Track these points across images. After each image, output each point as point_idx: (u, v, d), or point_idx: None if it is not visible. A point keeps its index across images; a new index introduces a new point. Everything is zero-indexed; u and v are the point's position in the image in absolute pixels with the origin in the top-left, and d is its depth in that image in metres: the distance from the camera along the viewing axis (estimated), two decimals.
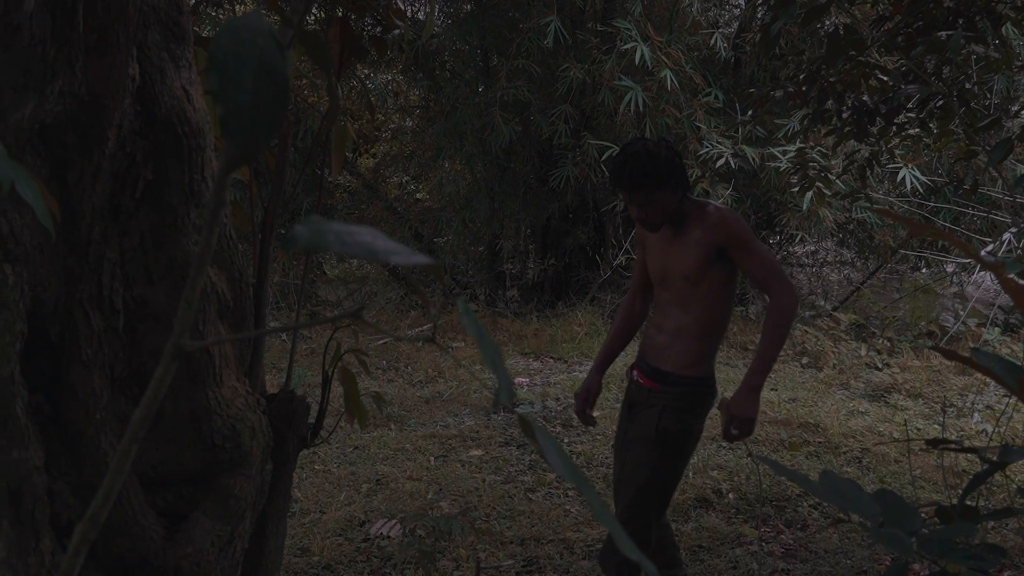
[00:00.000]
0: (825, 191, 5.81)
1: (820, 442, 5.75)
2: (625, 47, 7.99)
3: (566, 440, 5.80)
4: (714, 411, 5.15)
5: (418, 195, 11.96)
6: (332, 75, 0.83)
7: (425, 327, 8.41)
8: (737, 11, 10.00)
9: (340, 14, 1.83)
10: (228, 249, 1.59)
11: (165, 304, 1.50)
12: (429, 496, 4.78)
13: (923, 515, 1.21)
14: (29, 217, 1.38)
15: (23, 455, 1.37)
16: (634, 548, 0.72)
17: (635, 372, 3.24)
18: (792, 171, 6.12)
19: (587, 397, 3.33)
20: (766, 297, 3.29)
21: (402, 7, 10.05)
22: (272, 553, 1.75)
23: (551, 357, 7.99)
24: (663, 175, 2.84)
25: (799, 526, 4.47)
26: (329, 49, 0.77)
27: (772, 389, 7.02)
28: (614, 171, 2.85)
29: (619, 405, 5.81)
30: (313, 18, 7.66)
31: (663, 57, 8.03)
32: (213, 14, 8.83)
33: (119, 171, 1.47)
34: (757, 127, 7.57)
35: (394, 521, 4.40)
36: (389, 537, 4.26)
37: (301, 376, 6.86)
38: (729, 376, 7.35)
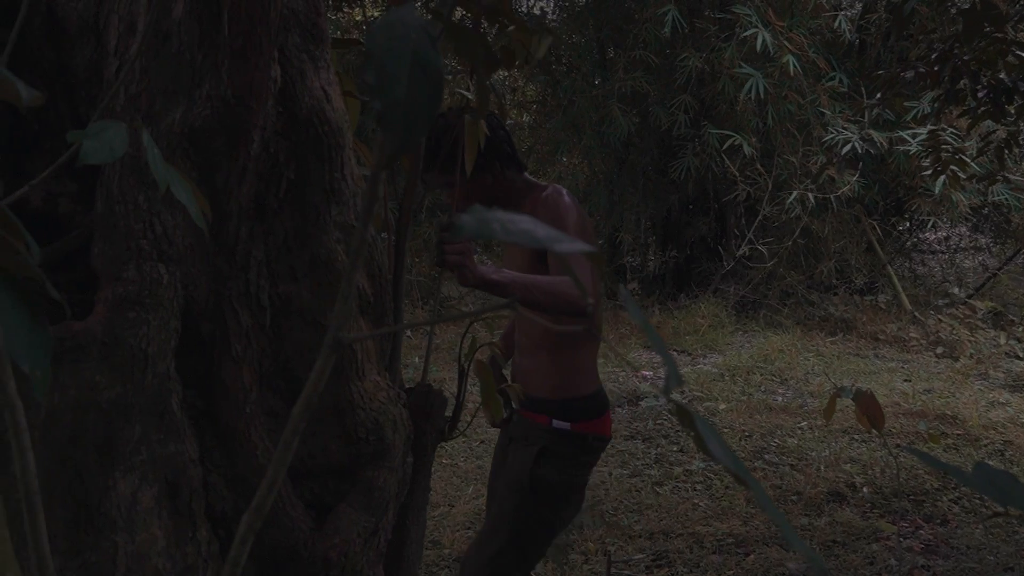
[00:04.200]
0: (960, 174, 5.58)
1: (959, 434, 5.54)
2: (745, 34, 7.84)
3: (692, 433, 5.72)
4: (846, 402, 5.00)
5: None
6: (483, 71, 0.84)
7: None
8: None
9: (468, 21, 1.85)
10: (368, 245, 1.62)
11: (309, 300, 1.54)
12: None
13: None
14: (181, 218, 1.44)
15: (179, 448, 1.42)
16: (808, 551, 0.70)
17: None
18: (923, 154, 5.90)
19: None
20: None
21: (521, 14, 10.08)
22: (413, 545, 1.78)
23: (674, 350, 7.91)
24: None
25: (939, 521, 4.32)
26: (481, 44, 0.77)
27: (905, 380, 6.80)
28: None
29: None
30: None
31: (785, 42, 7.86)
32: (333, 17, 9.01)
33: (263, 171, 1.51)
34: (885, 110, 7.33)
35: None
36: None
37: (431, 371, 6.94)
38: (859, 367, 7.16)
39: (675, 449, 5.45)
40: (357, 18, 9.85)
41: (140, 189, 1.41)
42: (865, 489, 4.68)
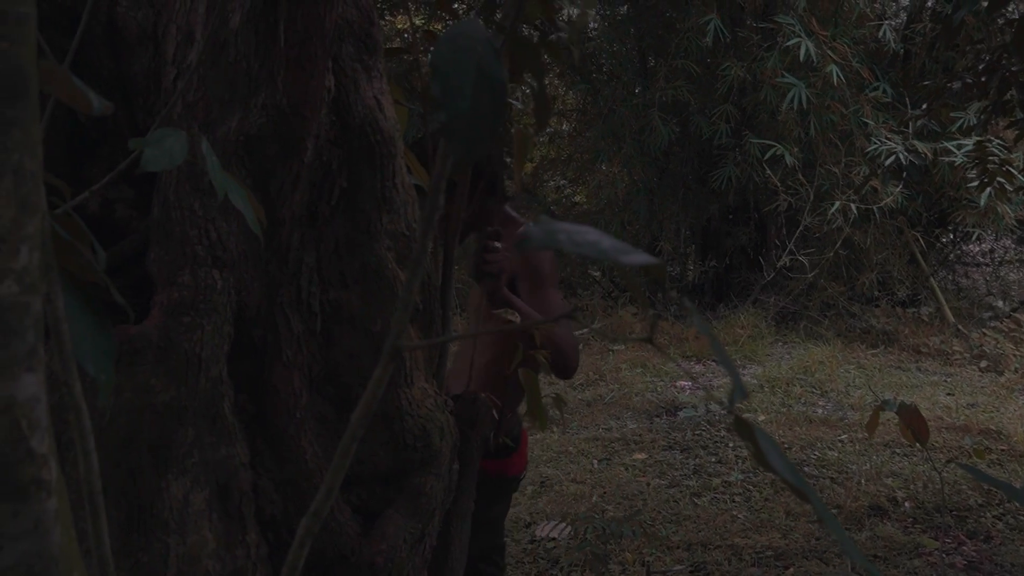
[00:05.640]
0: (1007, 186, 5.51)
1: (1003, 450, 5.45)
2: (788, 43, 7.79)
3: (731, 445, 5.69)
4: (888, 416, 4.95)
5: (576, 198, 11.98)
6: (542, 80, 0.85)
7: (585, 329, 8.40)
8: (905, 1, 9.61)
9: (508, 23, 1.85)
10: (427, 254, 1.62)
11: (359, 307, 1.56)
12: (594, 499, 4.78)
13: None
14: (235, 225, 1.46)
15: (231, 452, 1.44)
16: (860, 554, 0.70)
17: None
18: (969, 166, 5.83)
19: None
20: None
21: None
22: (456, 552, 1.78)
23: (714, 360, 7.87)
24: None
25: (982, 537, 4.25)
26: (541, 54, 0.78)
27: (949, 394, 6.71)
28: None
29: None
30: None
31: (828, 52, 7.80)
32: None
33: (316, 179, 1.53)
34: (930, 121, 7.25)
35: (560, 523, 4.42)
36: (555, 539, 4.28)
37: None
38: (901, 380, 7.08)
39: (713, 460, 5.42)
40: (399, 26, 9.90)
41: (195, 196, 1.43)
42: (907, 504, 4.62)
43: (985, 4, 3.19)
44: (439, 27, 7.90)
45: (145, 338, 1.36)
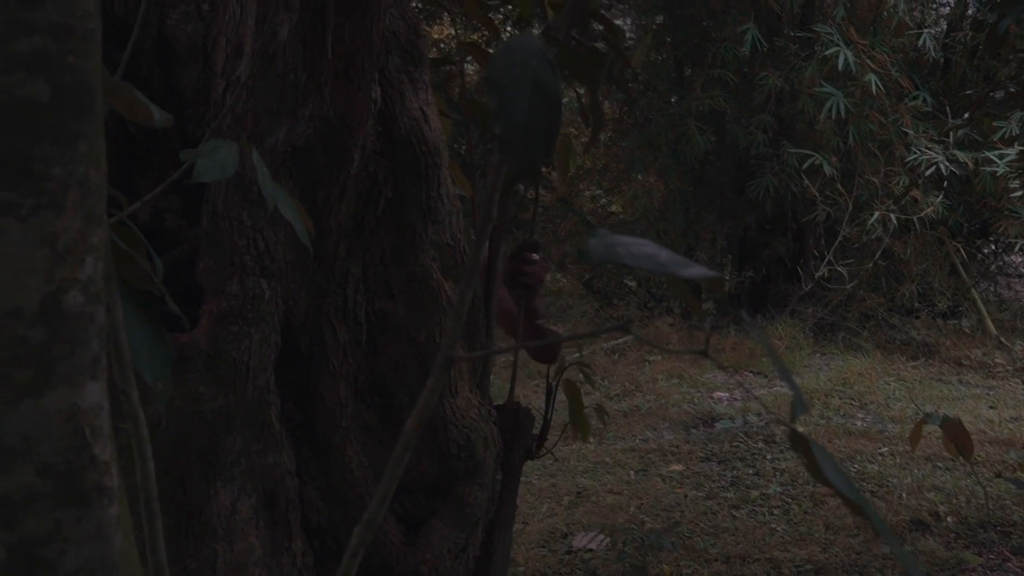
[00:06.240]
0: None
1: None
2: (826, 52, 7.74)
3: (768, 457, 5.65)
4: (929, 428, 4.91)
5: (611, 208, 11.95)
6: (596, 92, 0.85)
7: (623, 339, 8.38)
8: (945, 9, 9.52)
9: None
10: (462, 264, 1.64)
11: (404, 317, 1.57)
12: (631, 511, 4.76)
13: None
14: (282, 234, 1.48)
15: (277, 460, 1.46)
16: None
17: None
18: (1012, 175, 5.77)
19: None
20: None
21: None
22: (499, 562, 1.79)
23: (750, 371, 7.82)
24: None
25: None
26: (595, 66, 0.79)
27: (991, 407, 6.62)
28: None
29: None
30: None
31: (867, 61, 7.74)
32: None
33: (362, 190, 1.54)
34: (972, 130, 7.17)
35: (597, 534, 4.40)
36: (592, 550, 4.27)
37: (501, 388, 6.97)
38: (942, 393, 6.99)
39: (751, 472, 5.38)
40: (435, 36, 9.95)
41: (244, 206, 1.45)
42: (949, 519, 4.56)
43: None
44: (476, 38, 7.93)
45: (194, 346, 1.38)
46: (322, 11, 1.39)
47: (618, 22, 10.78)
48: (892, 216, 8.11)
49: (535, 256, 2.16)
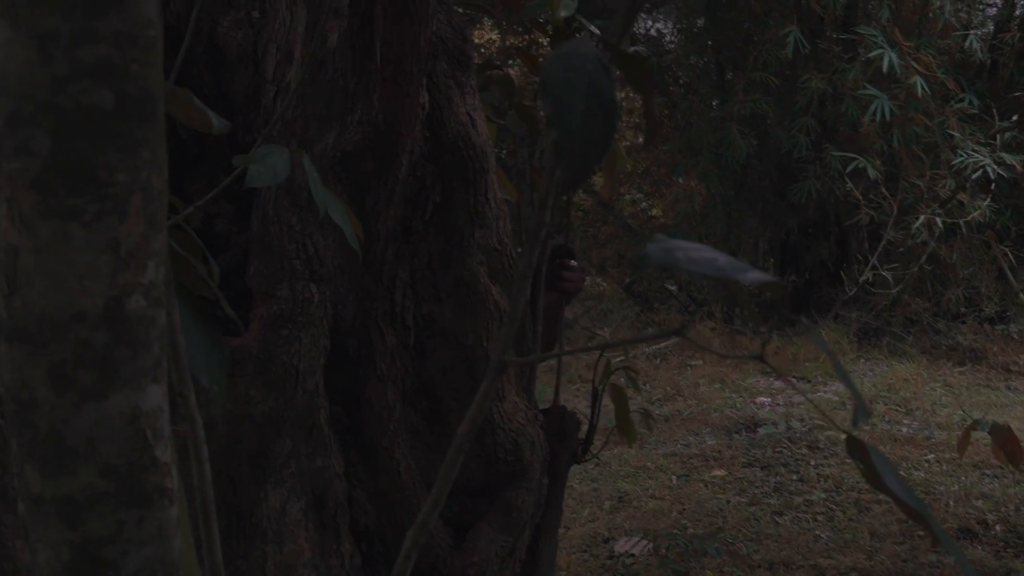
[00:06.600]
0: None
1: None
2: (871, 54, 7.66)
3: (812, 463, 5.60)
4: (980, 436, 4.84)
5: (652, 212, 11.91)
6: (651, 98, 0.85)
7: (665, 343, 8.35)
8: (992, 10, 9.38)
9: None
10: (509, 268, 1.65)
11: (451, 321, 1.57)
12: (673, 516, 4.74)
13: None
14: (331, 239, 1.49)
15: (326, 463, 1.47)
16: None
17: None
18: None
19: None
20: None
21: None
22: (544, 566, 1.79)
23: (793, 376, 7.75)
24: None
25: None
26: (650, 71, 0.79)
27: None
28: None
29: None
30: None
31: (912, 63, 7.65)
32: None
33: (410, 195, 1.55)
34: (1020, 133, 7.07)
35: (639, 539, 4.38)
36: (634, 555, 4.25)
37: (542, 392, 6.97)
38: (990, 399, 6.88)
39: (795, 478, 5.33)
40: (476, 40, 9.97)
41: (293, 211, 1.47)
42: (998, 527, 4.49)
43: None
44: (517, 42, 7.94)
45: (245, 350, 1.39)
46: (371, 17, 1.40)
47: (658, 26, 10.74)
48: (938, 220, 8.00)
49: (574, 263, 2.17)
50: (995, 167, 7.35)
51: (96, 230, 0.68)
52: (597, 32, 1.93)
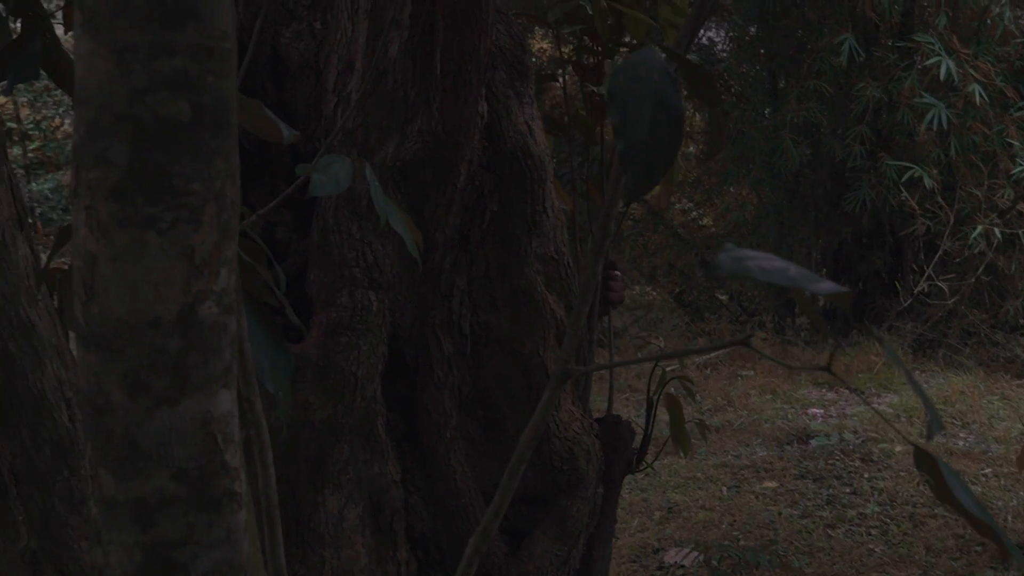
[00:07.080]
0: None
1: None
2: (928, 62, 7.55)
3: (866, 475, 5.52)
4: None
5: (703, 221, 11.84)
6: (717, 107, 0.85)
7: (714, 353, 8.29)
8: None
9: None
10: (565, 277, 1.65)
11: (508, 329, 1.58)
12: (724, 527, 4.70)
13: None
14: (390, 247, 1.50)
15: (383, 469, 1.48)
16: None
17: None
18: None
19: None
20: None
21: None
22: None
23: (847, 388, 7.64)
24: None
25: None
26: (715, 81, 0.79)
27: None
28: None
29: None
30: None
31: (970, 71, 7.52)
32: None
33: (468, 203, 1.56)
34: None
35: (690, 551, 4.35)
36: (684, 566, 4.22)
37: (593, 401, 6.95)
38: None
39: (848, 491, 5.26)
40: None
41: (353, 220, 1.48)
42: None
43: None
44: (568, 51, 7.93)
45: (305, 357, 1.41)
46: (431, 28, 1.41)
47: (710, 34, 10.69)
48: (996, 230, 7.86)
49: (617, 273, 2.18)
50: None
51: (171, 238, 0.69)
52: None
